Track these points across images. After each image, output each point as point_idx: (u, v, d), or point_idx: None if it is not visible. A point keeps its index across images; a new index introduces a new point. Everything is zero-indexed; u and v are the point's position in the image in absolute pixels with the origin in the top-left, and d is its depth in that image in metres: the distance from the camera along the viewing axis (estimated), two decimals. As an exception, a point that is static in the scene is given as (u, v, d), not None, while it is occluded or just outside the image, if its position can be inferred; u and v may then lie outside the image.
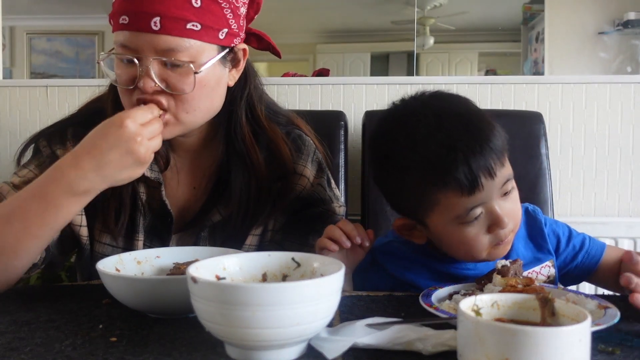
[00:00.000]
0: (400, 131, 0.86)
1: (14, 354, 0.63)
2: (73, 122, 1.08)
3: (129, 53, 0.92)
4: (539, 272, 0.94)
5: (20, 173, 1.04)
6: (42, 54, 5.42)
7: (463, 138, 0.82)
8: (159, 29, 0.90)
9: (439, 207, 0.84)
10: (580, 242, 0.98)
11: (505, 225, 0.84)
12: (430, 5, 4.25)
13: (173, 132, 0.97)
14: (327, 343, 0.62)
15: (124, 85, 0.95)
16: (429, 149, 0.82)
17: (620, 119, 1.80)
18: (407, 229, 0.93)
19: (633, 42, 3.33)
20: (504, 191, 0.85)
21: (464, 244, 0.87)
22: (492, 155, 0.82)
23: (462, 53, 4.66)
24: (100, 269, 0.77)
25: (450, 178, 0.81)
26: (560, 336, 0.52)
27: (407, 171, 0.85)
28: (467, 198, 0.82)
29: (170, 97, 0.94)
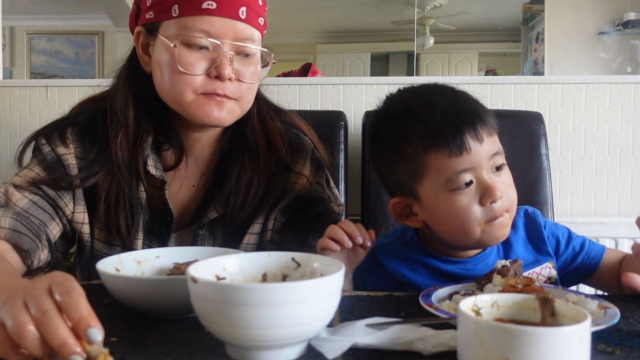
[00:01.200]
0: (398, 107, 0.93)
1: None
2: (72, 122, 1.08)
3: (211, 38, 0.93)
4: (539, 273, 0.94)
5: (21, 173, 1.04)
6: (42, 54, 5.42)
7: (454, 106, 0.88)
8: (245, 18, 0.94)
9: (430, 172, 0.87)
10: (580, 244, 0.99)
11: (497, 197, 0.85)
12: (430, 6, 4.25)
13: (234, 117, 0.99)
14: (327, 343, 0.62)
15: (195, 71, 0.93)
16: (423, 115, 0.87)
17: (620, 119, 1.80)
18: (403, 214, 0.94)
19: (633, 42, 3.33)
20: (494, 164, 0.87)
21: (455, 215, 0.86)
22: (480, 122, 0.86)
23: (462, 53, 4.67)
24: (100, 269, 0.77)
25: (439, 138, 0.85)
26: (560, 336, 0.52)
27: (402, 139, 0.89)
28: (455, 159, 0.84)
29: (237, 86, 0.96)
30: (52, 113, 1.89)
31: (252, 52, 0.97)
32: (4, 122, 1.92)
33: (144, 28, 1.00)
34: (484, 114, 0.88)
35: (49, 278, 0.59)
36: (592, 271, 0.97)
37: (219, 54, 0.94)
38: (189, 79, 0.94)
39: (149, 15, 0.98)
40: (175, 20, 0.94)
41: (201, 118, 0.97)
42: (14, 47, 5.40)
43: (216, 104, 0.96)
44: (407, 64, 4.39)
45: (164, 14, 0.95)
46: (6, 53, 5.22)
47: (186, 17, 0.93)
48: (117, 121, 1.02)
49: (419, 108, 0.89)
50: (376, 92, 1.81)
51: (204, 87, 0.95)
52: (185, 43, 0.93)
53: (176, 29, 0.94)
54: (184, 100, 0.96)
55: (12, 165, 1.97)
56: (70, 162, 1.03)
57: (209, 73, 0.94)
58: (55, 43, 5.40)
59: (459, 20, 4.32)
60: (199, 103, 0.96)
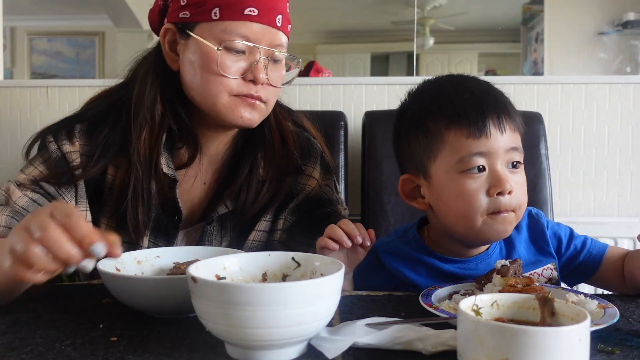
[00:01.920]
0: (431, 87, 0.97)
1: (14, 354, 0.63)
2: (82, 118, 1.08)
3: (250, 42, 0.97)
4: (540, 274, 0.94)
5: (26, 171, 1.03)
6: (42, 54, 5.42)
7: (484, 91, 0.91)
8: (280, 26, 0.99)
9: (446, 149, 0.88)
10: (582, 242, 0.99)
11: (506, 190, 0.85)
12: (430, 6, 4.25)
13: (262, 118, 1.03)
14: (327, 343, 0.63)
15: (233, 74, 0.97)
16: (452, 94, 0.91)
17: (619, 119, 1.81)
18: (411, 194, 0.96)
19: (632, 42, 3.33)
20: (510, 158, 0.88)
21: (461, 198, 0.86)
22: (505, 113, 0.88)
23: (462, 53, 4.67)
24: (101, 269, 0.77)
25: (462, 116, 0.87)
26: (560, 336, 0.52)
27: (428, 115, 0.91)
28: (473, 141, 0.86)
29: (267, 89, 1.00)
30: (52, 113, 1.89)
31: (281, 58, 1.02)
32: (4, 122, 1.92)
33: (174, 26, 1.01)
34: (511, 108, 0.91)
35: (50, 206, 0.66)
36: (594, 269, 0.96)
37: (256, 59, 0.97)
38: (225, 81, 0.97)
39: (183, 14, 0.99)
40: (215, 22, 0.96)
41: (233, 119, 0.99)
42: (15, 48, 5.40)
43: (248, 106, 0.99)
44: (407, 64, 4.39)
45: (202, 15, 0.96)
46: (7, 53, 5.22)
47: (227, 21, 0.96)
48: (143, 117, 1.01)
49: (450, 88, 0.92)
50: (376, 92, 1.81)
51: (239, 89, 0.98)
52: (226, 47, 0.96)
53: (216, 32, 0.96)
54: (218, 101, 0.98)
55: (11, 165, 1.97)
56: (74, 158, 1.03)
57: (244, 76, 0.97)
58: (55, 43, 5.41)
59: (459, 21, 4.33)
60: (232, 104, 0.98)
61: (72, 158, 1.03)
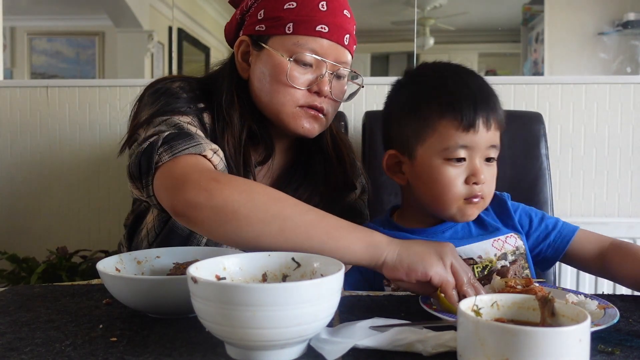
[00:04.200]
0: (431, 74, 1.02)
1: (14, 354, 0.63)
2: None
3: (318, 56, 1.03)
4: (505, 241, 1.00)
5: (181, 119, 0.98)
6: (42, 54, 5.42)
7: (480, 90, 0.96)
8: (347, 44, 1.06)
9: (435, 135, 0.94)
10: (554, 223, 1.06)
11: (481, 181, 0.94)
12: (430, 6, 4.25)
13: (322, 129, 1.09)
14: (327, 345, 0.63)
15: (300, 85, 1.03)
16: (451, 86, 0.96)
17: (619, 120, 1.81)
18: (393, 168, 1.03)
19: (633, 42, 3.33)
20: (488, 154, 0.95)
21: (441, 184, 0.94)
22: (494, 113, 0.95)
23: (462, 53, 4.67)
24: (101, 269, 0.77)
25: (455, 108, 0.93)
26: (560, 336, 0.52)
27: (424, 100, 0.97)
28: (461, 133, 0.93)
29: (329, 102, 1.06)
30: (52, 113, 1.89)
31: (344, 75, 1.09)
32: (4, 122, 1.92)
33: (249, 38, 1.08)
34: (499, 107, 0.97)
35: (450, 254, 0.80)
36: (563, 248, 1.03)
37: (322, 72, 1.04)
38: (292, 91, 1.03)
39: (259, 27, 1.06)
40: (288, 36, 1.03)
41: (295, 128, 1.05)
42: (15, 48, 5.40)
43: (311, 117, 1.06)
44: (407, 64, 4.39)
45: (277, 29, 1.03)
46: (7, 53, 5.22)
47: (300, 36, 1.02)
48: (224, 120, 1.06)
49: (450, 79, 0.98)
50: (376, 92, 1.81)
51: (305, 99, 1.04)
52: (296, 59, 1.03)
53: (288, 45, 1.03)
54: (284, 110, 1.04)
55: (11, 165, 1.98)
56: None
57: (310, 88, 1.04)
58: (55, 43, 5.41)
59: (459, 21, 4.33)
60: (297, 115, 1.05)
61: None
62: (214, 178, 0.82)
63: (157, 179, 0.88)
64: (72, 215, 1.92)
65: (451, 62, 1.04)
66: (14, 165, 1.93)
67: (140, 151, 0.90)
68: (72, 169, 1.91)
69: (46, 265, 1.68)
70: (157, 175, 0.88)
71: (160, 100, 1.01)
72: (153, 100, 1.02)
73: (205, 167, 0.88)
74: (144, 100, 1.06)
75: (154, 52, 4.46)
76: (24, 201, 1.93)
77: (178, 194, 0.81)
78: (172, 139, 0.90)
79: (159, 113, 0.98)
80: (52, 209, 1.92)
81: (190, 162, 0.88)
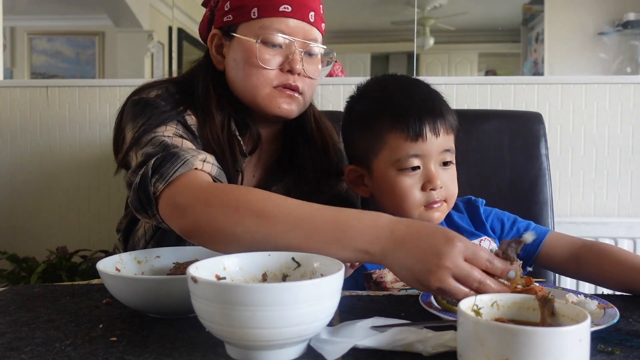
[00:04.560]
0: (377, 88, 1.06)
1: (14, 354, 0.63)
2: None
3: (285, 35, 1.05)
4: (479, 244, 0.99)
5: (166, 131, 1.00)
6: (42, 54, 5.42)
7: (424, 98, 1.00)
8: (313, 22, 1.08)
9: (386, 148, 0.99)
10: (525, 226, 1.09)
11: (437, 186, 0.97)
12: (430, 6, 4.25)
13: (300, 109, 1.10)
14: (327, 345, 0.63)
15: (271, 66, 1.05)
16: (395, 99, 1.00)
17: (619, 120, 1.81)
18: (355, 182, 1.06)
19: (633, 42, 3.33)
20: (443, 159, 0.99)
21: (398, 194, 0.98)
22: (441, 119, 0.98)
23: (462, 53, 4.67)
24: (101, 269, 0.77)
25: (401, 120, 0.97)
26: (560, 336, 0.52)
27: (373, 116, 1.01)
28: (410, 143, 0.97)
29: (303, 80, 1.08)
30: (52, 113, 1.89)
31: (316, 52, 1.10)
32: (4, 122, 1.92)
33: (220, 30, 1.11)
34: (447, 112, 1.00)
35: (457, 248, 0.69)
36: (535, 250, 1.04)
37: (291, 51, 1.06)
38: (264, 73, 1.05)
39: (227, 18, 1.09)
40: (254, 21, 1.06)
41: (272, 109, 1.07)
42: (15, 48, 5.40)
43: (287, 97, 1.07)
44: (407, 64, 4.39)
45: (243, 16, 1.07)
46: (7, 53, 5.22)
47: (265, 18, 1.05)
48: (204, 114, 1.08)
49: (394, 92, 1.02)
50: (376, 93, 1.80)
51: (278, 79, 1.06)
52: (263, 41, 1.05)
53: (255, 29, 1.06)
54: (259, 92, 1.06)
55: (11, 165, 1.98)
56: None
57: (282, 68, 1.06)
58: (55, 43, 5.41)
59: (459, 21, 4.32)
60: (272, 96, 1.06)
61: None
62: (206, 201, 0.82)
63: (161, 208, 0.89)
64: (72, 215, 1.92)
65: (395, 74, 1.09)
66: (14, 165, 1.93)
67: (136, 187, 0.91)
68: (72, 169, 1.91)
69: (46, 265, 1.68)
70: (160, 205, 0.90)
71: (142, 115, 1.02)
72: (134, 115, 1.04)
73: (198, 186, 0.88)
74: (125, 113, 1.08)
75: (154, 52, 4.46)
76: (24, 201, 1.93)
77: (180, 221, 0.85)
78: (159, 165, 0.90)
79: (143, 131, 0.99)
80: (52, 209, 1.92)
81: (183, 183, 0.88)
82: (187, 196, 0.85)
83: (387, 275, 0.99)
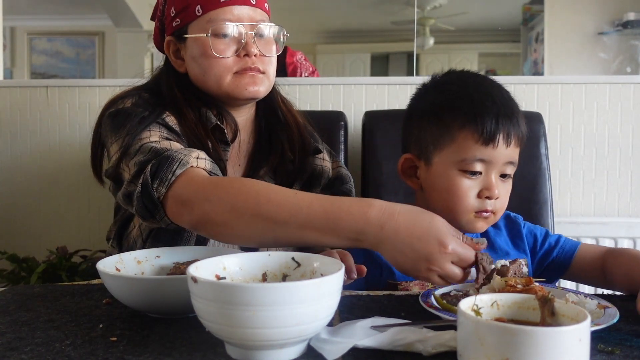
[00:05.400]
0: (457, 81, 1.02)
1: (14, 354, 0.63)
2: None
3: (233, 23, 1.08)
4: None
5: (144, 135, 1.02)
6: (42, 54, 5.42)
7: (504, 104, 0.95)
8: (255, 3, 1.11)
9: (453, 146, 0.94)
10: (556, 239, 1.07)
11: (494, 197, 0.93)
12: (430, 6, 4.25)
13: (266, 88, 1.13)
14: (327, 345, 0.63)
15: (227, 54, 1.09)
16: (475, 98, 0.95)
17: (619, 120, 1.80)
18: (408, 172, 1.03)
19: (632, 42, 3.33)
20: (504, 170, 0.95)
21: (454, 194, 0.94)
22: (516, 129, 0.95)
23: (462, 53, 4.67)
24: (101, 269, 0.77)
25: (477, 120, 0.92)
26: (560, 336, 0.52)
27: (447, 109, 0.96)
28: (479, 147, 0.93)
29: (262, 60, 1.11)
30: (52, 113, 1.89)
31: (266, 32, 1.13)
32: (4, 122, 1.92)
33: (172, 37, 1.15)
34: (522, 124, 0.97)
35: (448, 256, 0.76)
36: (567, 264, 1.03)
37: (243, 36, 1.09)
38: (222, 62, 1.09)
39: (175, 23, 1.13)
40: (200, 17, 1.09)
41: (240, 93, 1.10)
42: (15, 48, 5.40)
43: (250, 78, 1.10)
44: (407, 64, 4.39)
45: (189, 16, 1.10)
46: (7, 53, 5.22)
47: (210, 12, 1.09)
48: (178, 115, 1.10)
49: (476, 90, 0.97)
50: (376, 93, 1.81)
51: (237, 65, 1.10)
52: (214, 33, 1.08)
53: (203, 24, 1.09)
54: (222, 81, 1.10)
55: (11, 165, 1.98)
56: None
57: (238, 54, 1.10)
58: (55, 43, 5.40)
59: (459, 21, 4.32)
60: (236, 81, 1.10)
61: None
62: (209, 196, 0.87)
63: (168, 209, 0.93)
64: (72, 215, 1.92)
65: (479, 72, 1.06)
66: (14, 165, 1.93)
67: (139, 196, 0.94)
68: (72, 168, 1.91)
69: (46, 265, 1.68)
70: (167, 207, 0.93)
71: (123, 126, 1.04)
72: (115, 127, 1.06)
73: (199, 182, 0.91)
74: (104, 127, 1.10)
75: (154, 52, 4.46)
76: (24, 201, 1.93)
77: (188, 217, 0.89)
78: (157, 170, 0.93)
79: (129, 141, 1.01)
80: (52, 209, 1.92)
81: (184, 182, 0.91)
82: (191, 192, 0.90)
83: (414, 287, 0.97)
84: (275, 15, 1.20)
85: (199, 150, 0.98)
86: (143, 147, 0.99)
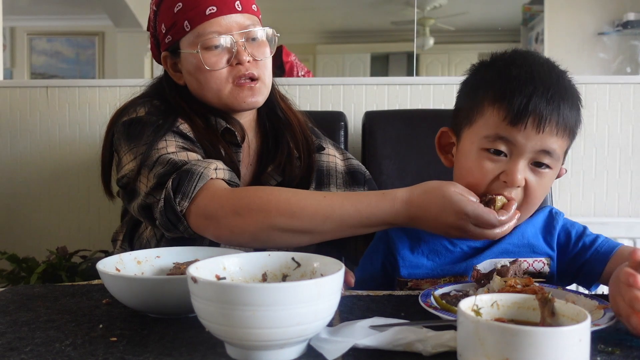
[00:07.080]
0: (506, 58, 0.92)
1: (14, 354, 0.63)
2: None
3: (222, 34, 1.08)
4: (531, 264, 0.93)
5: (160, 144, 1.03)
6: (42, 54, 5.43)
7: (548, 85, 0.86)
8: (241, 10, 1.11)
9: (480, 121, 0.89)
10: (592, 240, 0.95)
11: (514, 183, 0.85)
12: (430, 6, 4.25)
13: (264, 96, 1.14)
14: (327, 344, 0.63)
15: (220, 67, 1.09)
16: (512, 69, 0.88)
17: (619, 120, 1.81)
18: (445, 147, 0.98)
19: (632, 42, 3.33)
20: (537, 158, 0.86)
21: (472, 173, 0.89)
22: (555, 115, 0.85)
23: (461, 53, 4.67)
24: (101, 269, 0.77)
25: (506, 95, 0.85)
26: (560, 336, 0.52)
27: (485, 82, 0.91)
28: (504, 125, 0.85)
29: (256, 65, 1.11)
30: (52, 113, 1.89)
31: (257, 36, 1.13)
32: (4, 123, 1.92)
33: (167, 52, 1.16)
34: (568, 112, 0.86)
35: (467, 220, 0.84)
36: (599, 269, 0.91)
37: (233, 46, 1.09)
38: (217, 74, 1.10)
39: (167, 39, 1.14)
40: (189, 33, 1.10)
41: (239, 104, 1.11)
42: (15, 48, 5.40)
43: (248, 90, 1.11)
44: (407, 64, 4.39)
45: (179, 33, 1.11)
46: (6, 53, 5.22)
47: (197, 27, 1.09)
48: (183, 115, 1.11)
49: (517, 67, 0.88)
50: (376, 93, 1.81)
51: (232, 74, 1.10)
52: (204, 47, 1.09)
53: (193, 39, 1.10)
54: (221, 94, 1.11)
55: (11, 165, 1.98)
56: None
57: (231, 64, 1.10)
58: (55, 43, 5.41)
59: (459, 21, 4.33)
60: (234, 93, 1.11)
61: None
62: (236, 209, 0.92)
63: (192, 222, 0.96)
64: (72, 215, 1.92)
65: (533, 51, 0.98)
66: (14, 165, 1.93)
67: (162, 210, 0.97)
68: (72, 169, 1.91)
69: (46, 265, 1.68)
70: (190, 220, 0.96)
71: (139, 136, 1.05)
72: (131, 136, 1.07)
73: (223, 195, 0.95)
74: (118, 136, 1.10)
75: (153, 52, 4.46)
76: (24, 201, 1.93)
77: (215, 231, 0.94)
78: (178, 184, 0.96)
79: (146, 152, 1.02)
80: (52, 209, 1.92)
81: (207, 195, 0.95)
82: (216, 207, 0.93)
83: (424, 285, 0.93)
84: (275, 16, 1.20)
85: (217, 161, 1.00)
86: (161, 159, 1.00)
